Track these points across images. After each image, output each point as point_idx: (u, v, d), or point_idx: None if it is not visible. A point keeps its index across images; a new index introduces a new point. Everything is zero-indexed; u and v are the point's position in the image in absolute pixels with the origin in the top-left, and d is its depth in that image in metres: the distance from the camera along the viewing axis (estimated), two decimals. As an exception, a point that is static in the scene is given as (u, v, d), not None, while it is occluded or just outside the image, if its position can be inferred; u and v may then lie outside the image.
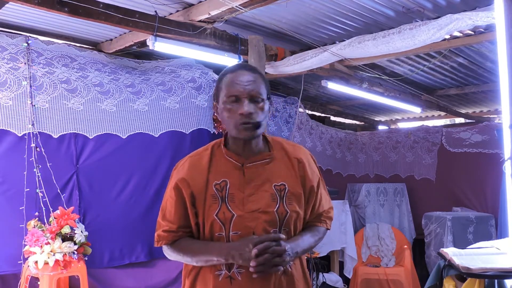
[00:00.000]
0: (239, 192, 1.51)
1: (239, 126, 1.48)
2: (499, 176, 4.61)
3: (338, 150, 6.73)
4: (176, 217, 1.54)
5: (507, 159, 2.42)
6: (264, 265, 1.40)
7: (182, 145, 4.27)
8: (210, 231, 1.50)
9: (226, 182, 1.51)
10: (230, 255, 1.44)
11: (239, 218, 1.48)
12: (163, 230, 1.56)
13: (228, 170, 1.54)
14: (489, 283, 2.12)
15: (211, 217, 1.49)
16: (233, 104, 1.49)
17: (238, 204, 1.49)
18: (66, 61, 3.89)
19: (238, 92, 1.48)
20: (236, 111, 1.48)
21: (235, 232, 1.48)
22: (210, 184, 1.51)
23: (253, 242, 1.42)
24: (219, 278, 1.49)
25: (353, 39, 3.84)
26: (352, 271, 5.21)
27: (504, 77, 2.47)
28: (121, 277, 3.92)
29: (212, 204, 1.49)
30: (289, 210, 1.52)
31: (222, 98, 1.51)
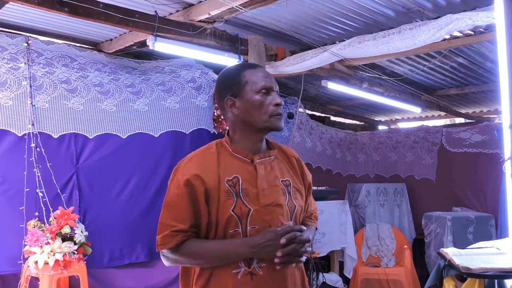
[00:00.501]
0: (252, 187, 1.50)
1: (273, 117, 1.53)
2: (499, 176, 4.61)
3: (338, 150, 6.73)
4: (187, 215, 1.46)
5: (507, 159, 2.42)
6: (290, 256, 1.43)
7: (182, 145, 4.27)
8: (225, 228, 1.46)
9: (238, 178, 1.50)
10: (255, 249, 1.43)
11: (256, 213, 1.47)
12: (172, 231, 1.46)
13: (238, 166, 1.53)
14: (489, 283, 2.12)
15: (227, 213, 1.45)
16: (264, 96, 1.53)
17: (253, 199, 1.48)
18: (66, 61, 3.89)
19: (270, 85, 1.55)
20: (269, 102, 1.53)
21: (252, 227, 1.47)
22: (222, 181, 1.48)
23: (279, 232, 1.43)
24: (238, 276, 1.45)
25: (353, 39, 3.84)
26: (352, 271, 5.21)
27: (504, 77, 2.47)
28: (121, 277, 3.92)
29: (226, 200, 1.46)
30: (296, 205, 1.57)
31: (252, 90, 1.53)
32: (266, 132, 1.57)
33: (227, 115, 1.59)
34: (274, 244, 1.42)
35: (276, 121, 1.54)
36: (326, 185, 5.44)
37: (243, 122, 1.55)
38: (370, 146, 6.92)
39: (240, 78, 1.56)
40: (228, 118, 1.60)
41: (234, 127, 1.59)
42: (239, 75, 1.56)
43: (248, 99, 1.53)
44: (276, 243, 1.42)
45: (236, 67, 1.63)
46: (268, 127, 1.54)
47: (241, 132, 1.57)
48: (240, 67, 1.61)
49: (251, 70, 1.58)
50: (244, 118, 1.55)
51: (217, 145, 1.59)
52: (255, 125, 1.54)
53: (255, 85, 1.54)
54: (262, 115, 1.53)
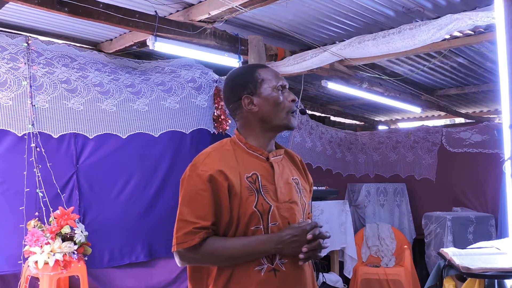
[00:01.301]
0: (270, 184, 1.52)
1: (290, 114, 1.58)
2: (499, 176, 4.61)
3: (338, 150, 6.73)
4: (210, 211, 1.43)
5: (507, 159, 2.42)
6: (313, 251, 1.45)
7: (182, 145, 4.27)
8: (247, 225, 1.46)
9: (256, 175, 1.51)
10: (281, 245, 1.44)
11: (276, 209, 1.49)
12: (194, 228, 1.41)
13: (255, 164, 1.54)
14: (489, 283, 2.12)
15: (250, 210, 1.45)
16: (280, 93, 1.58)
17: (272, 196, 1.50)
18: (66, 61, 3.89)
19: (284, 83, 1.61)
20: (285, 98, 1.58)
21: (273, 223, 1.48)
22: (243, 177, 1.48)
23: (305, 228, 1.45)
24: (261, 273, 1.45)
25: (353, 39, 3.84)
26: (352, 271, 5.21)
27: (504, 77, 2.47)
28: (121, 277, 3.92)
29: (249, 196, 1.46)
30: (306, 202, 1.62)
31: (269, 87, 1.57)
32: (282, 130, 1.61)
33: (242, 114, 1.59)
34: (299, 240, 1.44)
35: (292, 119, 1.59)
36: (326, 185, 5.43)
37: (261, 119, 1.57)
38: (370, 146, 6.92)
39: (256, 76, 1.59)
40: (242, 117, 1.60)
41: (249, 126, 1.59)
42: (254, 74, 1.59)
43: (266, 96, 1.56)
44: (302, 238, 1.44)
45: (248, 67, 1.69)
46: (285, 125, 1.58)
47: (257, 130, 1.58)
48: (252, 67, 1.66)
49: (263, 69, 1.62)
50: (262, 115, 1.57)
51: (231, 142, 1.59)
52: (273, 121, 1.57)
53: (271, 82, 1.58)
54: (280, 111, 1.57)
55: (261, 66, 1.66)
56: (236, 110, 1.60)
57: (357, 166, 6.95)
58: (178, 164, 4.18)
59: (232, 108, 1.62)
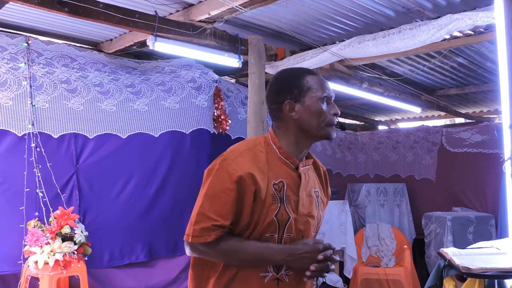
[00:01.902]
0: (294, 195, 1.51)
1: (330, 126, 1.55)
2: (499, 176, 4.61)
3: (338, 150, 6.73)
4: (232, 212, 1.43)
5: (507, 159, 2.42)
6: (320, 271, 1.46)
7: (182, 145, 4.27)
8: (263, 231, 1.46)
9: (283, 183, 1.50)
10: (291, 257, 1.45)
11: (294, 221, 1.50)
12: (212, 225, 1.41)
13: (284, 171, 1.52)
14: (489, 283, 2.12)
15: (270, 218, 1.45)
16: (324, 105, 1.54)
17: (293, 207, 1.50)
18: (66, 61, 3.89)
19: (331, 95, 1.57)
20: (328, 111, 1.54)
21: (288, 235, 1.49)
22: (270, 183, 1.47)
23: (319, 248, 1.46)
24: (265, 279, 1.47)
25: (353, 39, 3.84)
26: (352, 271, 5.21)
27: (504, 77, 2.48)
28: (121, 277, 3.92)
29: (272, 204, 1.46)
30: (322, 216, 1.64)
31: (314, 96, 1.53)
32: (319, 140, 1.60)
33: (281, 117, 1.55)
34: (311, 257, 1.45)
35: (331, 130, 1.55)
36: (326, 185, 5.43)
37: (299, 127, 1.54)
38: (370, 146, 6.92)
39: (303, 83, 1.54)
40: (280, 120, 1.56)
41: (286, 131, 1.56)
42: (302, 80, 1.55)
43: (309, 105, 1.52)
44: (313, 256, 1.44)
45: (298, 70, 1.62)
46: (323, 135, 1.55)
47: (294, 137, 1.55)
48: (302, 72, 1.59)
49: (313, 76, 1.57)
50: (301, 123, 1.53)
51: (265, 144, 1.56)
52: (311, 131, 1.54)
53: (317, 92, 1.53)
54: (320, 122, 1.53)
55: (311, 72, 1.60)
56: (276, 112, 1.57)
57: (357, 166, 6.95)
58: (178, 164, 4.18)
59: (272, 109, 1.58)
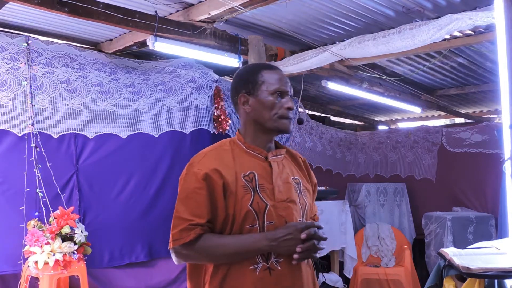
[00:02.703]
0: (268, 183, 1.52)
1: (282, 119, 1.56)
2: (499, 176, 4.61)
3: (338, 150, 6.73)
4: (205, 209, 1.45)
5: (507, 159, 2.42)
6: (308, 251, 1.44)
7: (182, 145, 4.27)
8: (242, 223, 1.46)
9: (254, 173, 1.52)
10: (275, 242, 1.43)
11: (272, 208, 1.49)
12: (189, 225, 1.43)
13: (253, 163, 1.55)
14: (489, 283, 2.12)
15: (245, 208, 1.46)
16: (277, 98, 1.56)
17: (269, 194, 1.50)
18: (66, 61, 3.89)
19: (285, 89, 1.58)
20: (280, 104, 1.56)
21: (269, 222, 1.48)
22: (239, 176, 1.49)
23: (300, 227, 1.44)
24: (256, 271, 1.45)
25: (353, 39, 3.84)
26: (352, 271, 5.21)
27: (504, 77, 2.47)
28: (121, 277, 3.92)
29: (244, 195, 1.47)
30: (307, 202, 1.61)
31: (266, 90, 1.56)
32: (275, 133, 1.60)
33: (239, 112, 1.62)
34: (294, 238, 1.44)
35: (285, 123, 1.57)
36: (326, 185, 5.44)
37: (254, 120, 1.58)
38: (370, 146, 6.92)
39: (257, 77, 1.59)
40: (240, 114, 1.63)
41: (245, 125, 1.62)
42: (257, 74, 1.59)
43: (261, 99, 1.56)
44: (296, 237, 1.43)
45: (255, 65, 1.68)
46: (276, 128, 1.57)
47: (252, 130, 1.60)
48: (259, 66, 1.64)
49: (269, 70, 1.60)
50: (255, 116, 1.57)
51: (230, 142, 1.60)
52: (265, 124, 1.57)
53: (270, 86, 1.57)
54: (272, 115, 1.56)
55: (268, 67, 1.63)
56: (235, 106, 1.64)
57: (357, 166, 6.95)
58: (178, 164, 4.18)
59: (233, 103, 1.65)
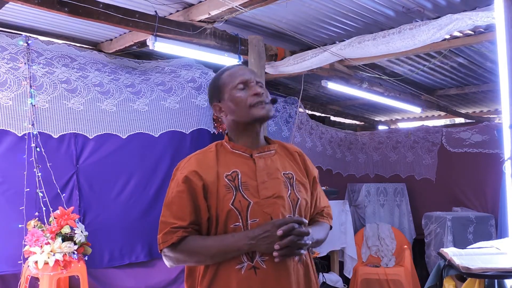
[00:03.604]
0: (252, 181, 1.50)
1: (255, 106, 1.54)
2: (499, 176, 4.61)
3: (338, 150, 6.73)
4: (187, 212, 1.46)
5: (507, 159, 2.42)
6: (288, 248, 1.41)
7: (182, 145, 4.27)
8: (225, 223, 1.45)
9: (237, 172, 1.51)
10: (254, 241, 1.41)
11: (256, 205, 1.47)
12: (172, 227, 1.45)
13: (237, 162, 1.54)
14: (489, 283, 2.12)
15: (227, 207, 1.45)
16: (242, 91, 1.56)
17: (253, 192, 1.48)
18: (66, 61, 3.89)
19: (246, 79, 1.57)
20: (247, 95, 1.55)
21: (253, 220, 1.46)
22: (221, 176, 1.49)
23: (277, 224, 1.42)
24: (242, 271, 1.44)
25: (353, 39, 3.84)
26: (352, 271, 5.21)
27: (504, 77, 2.47)
28: (121, 277, 3.92)
29: (226, 194, 1.46)
30: (300, 197, 1.56)
31: (229, 89, 1.57)
32: (255, 123, 1.57)
33: (222, 119, 1.64)
34: (271, 235, 1.41)
35: (257, 110, 1.54)
36: (326, 185, 5.44)
37: (233, 122, 1.59)
38: (370, 146, 6.92)
39: (218, 83, 1.61)
40: (223, 122, 1.66)
41: (229, 128, 1.63)
42: (218, 81, 1.62)
43: (229, 100, 1.57)
44: (273, 234, 1.40)
45: (217, 73, 1.68)
46: (253, 118, 1.55)
47: (236, 131, 1.60)
48: (220, 73, 1.66)
49: (227, 72, 1.62)
50: (232, 118, 1.58)
51: (217, 145, 1.62)
52: (242, 120, 1.57)
53: (231, 83, 1.58)
54: (244, 109, 1.55)
55: (228, 68, 1.64)
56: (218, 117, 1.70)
57: (357, 166, 6.95)
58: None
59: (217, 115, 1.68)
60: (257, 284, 1.43)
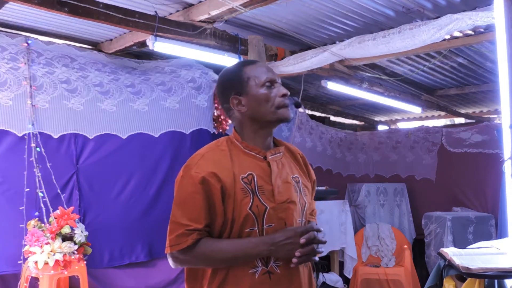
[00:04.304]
0: (267, 184, 1.48)
1: (281, 108, 1.52)
2: (499, 176, 4.61)
3: (338, 150, 6.73)
4: (202, 214, 1.41)
5: (507, 159, 2.42)
6: (307, 256, 1.43)
7: (182, 145, 4.27)
8: (241, 227, 1.43)
9: (252, 175, 1.47)
10: (274, 247, 1.41)
11: (272, 210, 1.45)
12: (186, 229, 1.40)
13: (252, 163, 1.50)
14: (489, 283, 2.12)
15: (244, 212, 1.42)
16: (269, 89, 1.53)
17: (268, 196, 1.46)
18: (66, 61, 3.89)
19: (273, 77, 1.55)
20: (274, 94, 1.53)
21: (269, 225, 1.45)
22: (238, 178, 1.45)
23: (299, 231, 1.43)
24: (256, 275, 1.42)
25: (353, 39, 3.84)
26: (352, 271, 5.21)
27: (504, 77, 2.47)
28: (121, 277, 3.92)
29: (243, 198, 1.43)
30: (307, 202, 1.58)
31: (255, 84, 1.52)
32: (276, 124, 1.56)
33: (234, 115, 1.57)
34: (293, 242, 1.42)
35: (284, 111, 1.53)
36: (326, 185, 5.43)
37: (251, 118, 1.54)
38: (370, 146, 6.92)
39: (242, 75, 1.54)
40: (234, 118, 1.58)
41: (242, 125, 1.56)
42: (240, 73, 1.55)
43: (253, 94, 1.52)
44: (295, 241, 1.42)
45: (236, 65, 1.62)
46: (278, 119, 1.53)
47: (250, 129, 1.55)
48: (240, 65, 1.60)
49: (251, 66, 1.57)
50: (252, 114, 1.53)
51: (227, 142, 1.56)
52: (264, 118, 1.52)
53: (258, 79, 1.53)
54: (270, 107, 1.52)
55: (249, 63, 1.61)
56: (228, 111, 1.59)
57: (357, 166, 6.94)
58: (178, 164, 4.17)
59: (225, 109, 1.60)
60: None
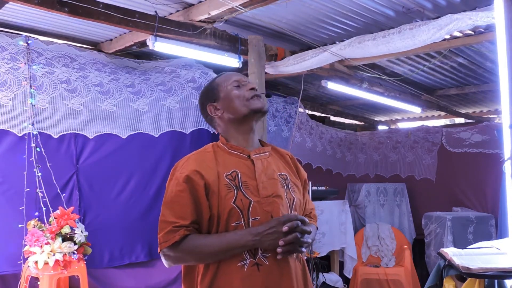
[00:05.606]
0: (252, 180, 1.53)
1: (251, 99, 1.62)
2: (499, 176, 4.61)
3: (338, 150, 6.73)
4: (188, 211, 1.46)
5: (507, 159, 2.42)
6: (291, 245, 1.44)
7: (182, 145, 4.27)
8: (227, 221, 1.47)
9: (236, 172, 1.53)
10: (258, 237, 1.44)
11: (257, 204, 1.50)
12: (173, 226, 1.45)
13: (236, 162, 1.57)
14: (489, 283, 2.12)
15: (229, 206, 1.47)
16: (238, 88, 1.64)
17: (253, 191, 1.51)
18: (66, 61, 3.89)
19: (239, 78, 1.67)
20: (243, 90, 1.63)
21: (254, 218, 1.48)
22: (221, 176, 1.51)
23: (282, 220, 1.45)
24: (244, 268, 1.45)
25: (353, 39, 3.84)
26: (352, 271, 5.21)
27: (504, 77, 2.48)
28: (121, 277, 3.92)
29: (227, 193, 1.48)
30: (295, 197, 1.61)
31: (225, 87, 1.64)
32: (253, 117, 1.63)
33: (216, 122, 1.69)
34: (276, 231, 1.44)
35: (256, 101, 1.62)
36: (326, 185, 5.44)
37: (229, 119, 1.63)
38: (370, 146, 6.92)
39: (213, 86, 1.69)
40: (217, 125, 1.69)
41: (224, 129, 1.67)
42: (211, 84, 1.70)
43: (225, 96, 1.63)
44: (279, 230, 1.43)
45: (209, 82, 1.76)
46: (251, 110, 1.61)
47: (232, 129, 1.65)
48: (211, 80, 1.74)
49: (220, 76, 1.71)
50: (228, 114, 1.63)
51: (213, 146, 1.64)
52: (240, 113, 1.61)
53: (226, 82, 1.65)
54: (242, 101, 1.61)
55: (218, 75, 1.73)
56: (211, 121, 1.71)
57: (357, 166, 6.95)
58: (178, 164, 4.17)
59: (208, 121, 1.73)
60: (260, 280, 1.45)
